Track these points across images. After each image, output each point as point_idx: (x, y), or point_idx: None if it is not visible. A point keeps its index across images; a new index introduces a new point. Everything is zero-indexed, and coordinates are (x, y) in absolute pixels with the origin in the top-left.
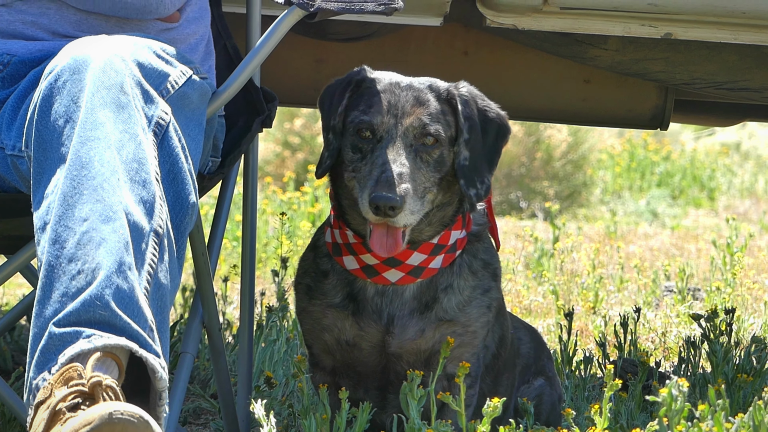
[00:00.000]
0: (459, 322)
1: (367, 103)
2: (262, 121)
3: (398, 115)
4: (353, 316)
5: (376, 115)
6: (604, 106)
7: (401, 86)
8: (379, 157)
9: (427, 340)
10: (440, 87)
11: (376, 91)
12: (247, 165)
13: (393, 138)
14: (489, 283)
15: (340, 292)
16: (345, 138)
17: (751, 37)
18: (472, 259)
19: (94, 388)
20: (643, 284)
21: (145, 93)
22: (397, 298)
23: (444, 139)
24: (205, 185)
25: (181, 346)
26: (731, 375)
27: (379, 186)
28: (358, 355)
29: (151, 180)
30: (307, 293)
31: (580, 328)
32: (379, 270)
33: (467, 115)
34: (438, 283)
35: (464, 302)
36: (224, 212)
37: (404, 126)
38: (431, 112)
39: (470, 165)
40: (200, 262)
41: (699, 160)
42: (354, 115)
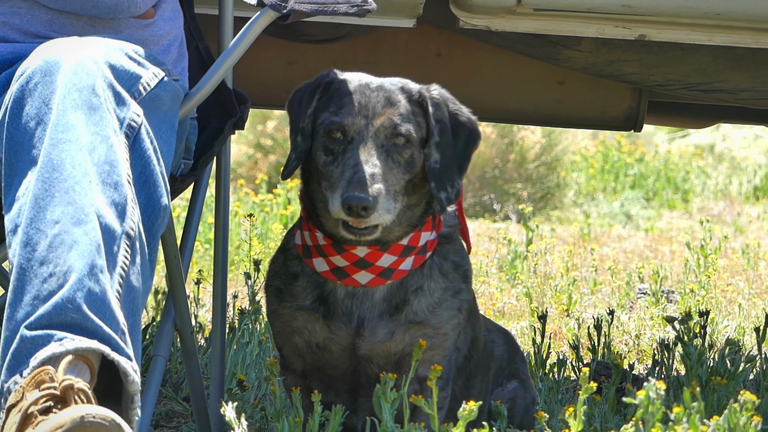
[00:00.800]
0: (429, 324)
1: (337, 104)
2: (234, 123)
3: (369, 115)
4: (324, 318)
5: (346, 116)
6: (578, 107)
7: (372, 87)
8: (350, 158)
9: (397, 342)
10: (412, 88)
11: (346, 92)
12: (219, 167)
13: (364, 138)
14: (459, 285)
15: (310, 295)
16: (316, 140)
17: (725, 38)
18: (442, 261)
19: (65, 392)
20: (617, 287)
21: (116, 95)
22: (367, 300)
23: (415, 140)
24: (177, 187)
25: (154, 349)
26: (705, 377)
27: (351, 186)
28: (329, 357)
29: (123, 182)
30: (278, 295)
31: (553, 330)
32: (349, 272)
33: (438, 118)
34: (408, 285)
35: (434, 304)
36: (196, 214)
37: (375, 126)
38: (402, 112)
39: (441, 168)
40: (172, 265)
41: (673, 162)
42: (324, 117)
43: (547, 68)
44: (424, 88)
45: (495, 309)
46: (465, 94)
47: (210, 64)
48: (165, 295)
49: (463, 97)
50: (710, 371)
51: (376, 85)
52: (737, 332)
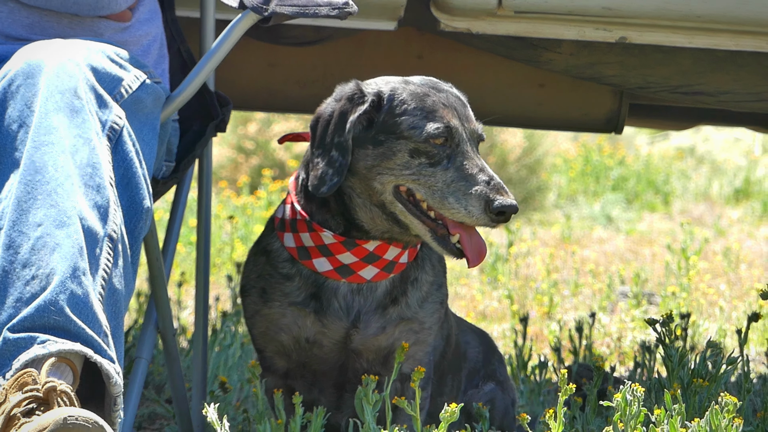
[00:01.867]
0: (417, 319)
1: (421, 107)
2: (216, 125)
3: (462, 117)
4: (315, 313)
5: (448, 120)
6: (559, 110)
7: (441, 88)
8: (465, 162)
9: (388, 336)
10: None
11: (418, 94)
12: (201, 169)
13: (466, 141)
14: (441, 279)
15: (303, 293)
16: (396, 144)
17: (705, 40)
18: (430, 252)
19: (48, 394)
20: (598, 289)
21: (99, 97)
22: (370, 295)
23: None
24: (159, 190)
25: (136, 351)
26: (687, 380)
27: (495, 193)
28: (318, 352)
29: (106, 185)
30: (262, 296)
31: (535, 333)
32: (355, 268)
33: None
34: (406, 276)
35: (423, 298)
36: (178, 217)
37: (471, 129)
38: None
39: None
40: (154, 267)
41: (654, 164)
42: (412, 122)
43: (528, 71)
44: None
45: (476, 311)
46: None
47: (191, 67)
48: (147, 297)
49: None
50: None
51: (443, 87)
52: (718, 334)
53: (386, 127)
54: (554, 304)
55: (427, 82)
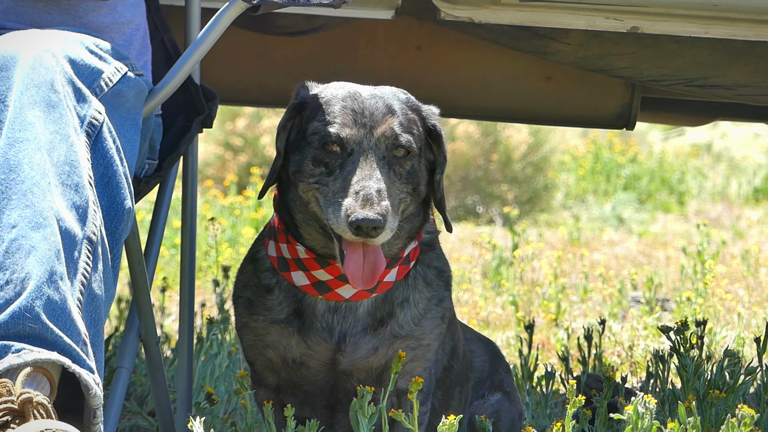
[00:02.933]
0: (413, 336)
1: (329, 113)
2: (202, 120)
3: (368, 124)
4: (299, 333)
5: (343, 127)
6: (567, 104)
7: (365, 94)
8: (351, 172)
9: (380, 357)
10: (410, 98)
11: (335, 99)
12: (186, 167)
13: (365, 150)
14: (443, 293)
15: (285, 309)
16: (305, 151)
17: (722, 30)
18: (426, 269)
19: (24, 406)
20: (609, 294)
21: (77, 91)
22: (350, 315)
23: (415, 151)
24: (141, 189)
25: (117, 361)
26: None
27: (359, 205)
28: (306, 373)
29: (84, 184)
30: (248, 308)
31: (541, 341)
32: (332, 286)
33: (440, 129)
34: (394, 297)
35: (419, 316)
36: (162, 218)
37: (376, 136)
38: (402, 121)
39: (441, 181)
40: (136, 271)
41: (668, 162)
42: (315, 127)
43: (533, 63)
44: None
45: (479, 318)
46: (446, 91)
47: (176, 58)
48: (129, 303)
49: (444, 93)
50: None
51: (370, 92)
52: (736, 343)
53: (302, 133)
54: (562, 310)
55: (355, 90)
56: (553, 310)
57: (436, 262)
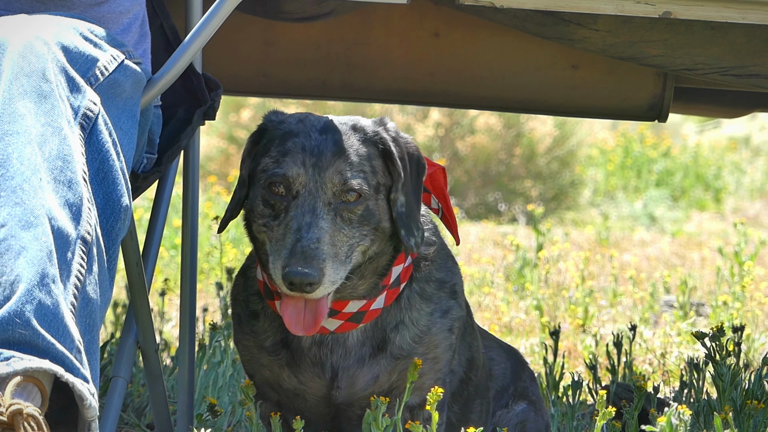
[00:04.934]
0: (417, 353)
1: (278, 149)
2: (204, 112)
3: (316, 165)
4: (288, 367)
5: (291, 167)
6: (595, 94)
7: (318, 129)
8: (293, 219)
9: (382, 384)
10: (366, 127)
11: (287, 134)
12: (187, 162)
13: (311, 194)
14: (448, 303)
15: (271, 337)
16: (255, 188)
17: (761, 16)
18: (424, 285)
19: (13, 418)
20: (640, 298)
21: (70, 81)
22: (339, 347)
23: (368, 192)
24: (139, 185)
25: (113, 370)
26: (740, 401)
27: (294, 258)
28: (303, 404)
29: (78, 180)
30: (239, 325)
31: (567, 348)
32: None
33: (401, 156)
34: (385, 322)
35: (421, 333)
36: (161, 216)
37: (323, 179)
38: (353, 161)
39: (407, 211)
40: (134, 274)
41: (703, 157)
42: (265, 164)
43: (559, 50)
44: (378, 124)
45: (501, 324)
46: (466, 81)
47: (176, 46)
48: (126, 307)
49: (463, 83)
50: (745, 394)
51: (324, 124)
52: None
53: (255, 168)
54: (589, 315)
55: (312, 123)
56: (581, 315)
57: (437, 273)
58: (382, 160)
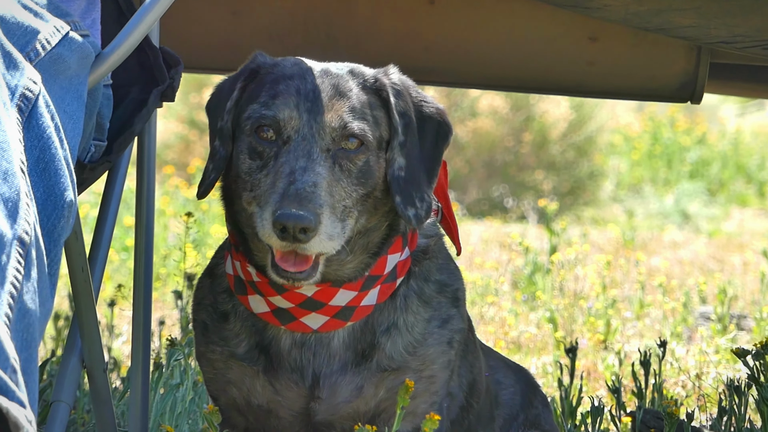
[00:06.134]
0: (410, 367)
1: (269, 93)
2: (161, 92)
3: (312, 109)
4: (264, 374)
5: (282, 109)
6: (617, 71)
7: (315, 72)
8: (285, 164)
9: (368, 400)
10: (365, 73)
11: (281, 77)
12: (141, 151)
13: (305, 139)
14: (448, 311)
15: (245, 341)
16: (239, 141)
17: None
18: (422, 284)
19: None
20: (671, 309)
21: (6, 56)
22: (322, 350)
23: (371, 142)
24: (86, 177)
25: (54, 393)
26: None
27: (287, 201)
28: (276, 424)
29: (15, 171)
30: (204, 334)
31: (586, 368)
32: (296, 314)
33: (402, 111)
34: (376, 323)
35: (416, 342)
36: (111, 214)
37: (320, 124)
38: (354, 105)
39: (407, 176)
40: (79, 280)
41: (744, 144)
42: (252, 110)
43: (575, 20)
44: (381, 72)
45: (508, 340)
46: (466, 56)
47: (130, 15)
48: (69, 320)
49: (463, 59)
50: None
51: (321, 69)
52: None
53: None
54: (612, 329)
55: (308, 67)
56: (601, 329)
57: (437, 273)
58: (385, 112)
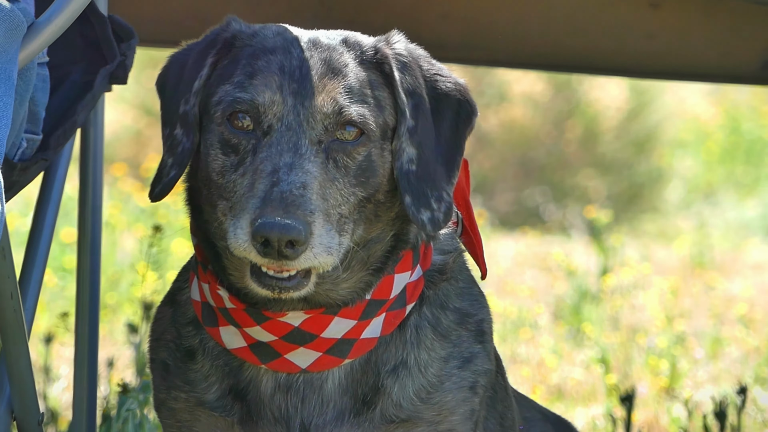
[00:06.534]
0: (423, 418)
1: (246, 70)
2: (110, 72)
3: (299, 91)
4: (241, 426)
5: (261, 91)
6: (684, 48)
7: (302, 43)
8: (266, 160)
9: None
10: (363, 43)
11: (260, 51)
12: (85, 147)
13: (290, 129)
14: (471, 348)
15: (216, 385)
16: (209, 132)
17: None
18: (438, 313)
19: None
20: (754, 348)
21: None
22: (313, 395)
23: (374, 131)
24: (15, 180)
25: None
26: None
27: (267, 207)
28: None
29: None
30: (164, 377)
31: (647, 421)
32: (280, 349)
33: (410, 88)
34: (380, 361)
35: (430, 386)
36: (47, 227)
37: (309, 109)
38: (351, 84)
39: (419, 171)
40: (7, 310)
41: None
42: (224, 92)
43: None
44: (381, 40)
45: (548, 385)
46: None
47: None
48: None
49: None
50: None
51: (309, 39)
52: None
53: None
54: (678, 372)
55: (293, 37)
56: (665, 372)
57: (457, 299)
58: (390, 92)
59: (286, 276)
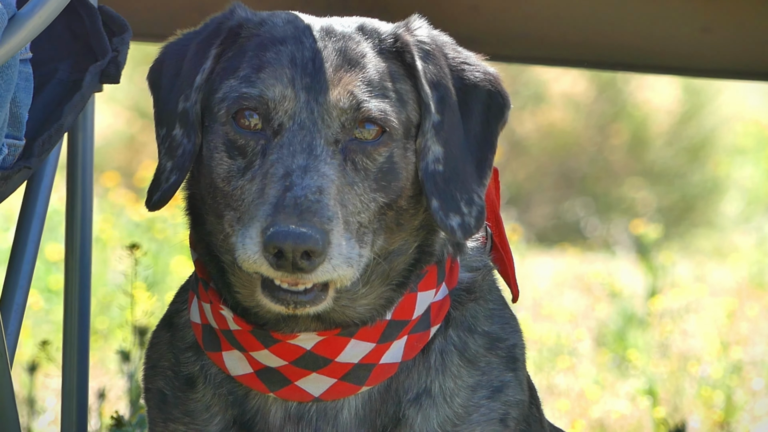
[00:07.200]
0: None
1: (253, 63)
2: (101, 70)
3: (312, 85)
4: None
5: (270, 85)
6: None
7: (314, 32)
8: (278, 162)
9: None
10: (381, 31)
11: (269, 41)
12: (74, 154)
13: (304, 127)
14: (502, 376)
15: (219, 416)
16: (212, 132)
17: None
18: (465, 337)
19: None
20: None
21: None
22: (327, 426)
23: (396, 128)
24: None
25: None
26: None
27: (280, 214)
28: None
29: None
30: (161, 408)
31: None
32: (290, 376)
33: (435, 80)
34: (402, 388)
35: (456, 417)
36: (30, 243)
37: (323, 105)
38: (371, 77)
39: (447, 171)
40: None
41: None
42: (229, 87)
43: None
44: (401, 27)
45: (588, 419)
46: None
47: None
48: None
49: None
50: None
51: (322, 28)
52: None
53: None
54: (734, 405)
55: (304, 26)
56: (720, 404)
57: (486, 322)
58: (412, 84)
59: (302, 289)
